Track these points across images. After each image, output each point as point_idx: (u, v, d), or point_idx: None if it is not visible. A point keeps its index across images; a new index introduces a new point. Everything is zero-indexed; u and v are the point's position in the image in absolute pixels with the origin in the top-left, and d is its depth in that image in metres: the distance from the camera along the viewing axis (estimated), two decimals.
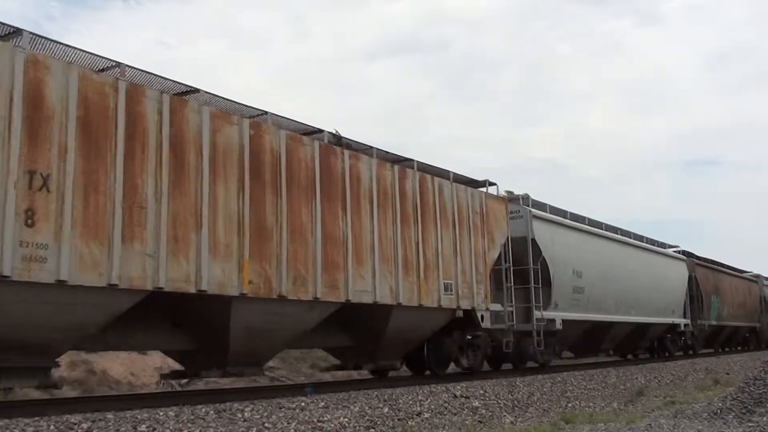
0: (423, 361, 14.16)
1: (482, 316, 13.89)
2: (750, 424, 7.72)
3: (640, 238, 22.84)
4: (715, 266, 29.43)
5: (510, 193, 19.30)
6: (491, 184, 15.12)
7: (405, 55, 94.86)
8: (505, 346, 14.72)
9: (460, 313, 13.34)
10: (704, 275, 27.31)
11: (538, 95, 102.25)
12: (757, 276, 35.83)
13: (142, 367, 20.91)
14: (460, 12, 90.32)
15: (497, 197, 15.08)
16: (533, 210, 16.34)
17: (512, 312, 14.88)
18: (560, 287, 16.78)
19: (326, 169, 10.98)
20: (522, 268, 15.83)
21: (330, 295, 10.70)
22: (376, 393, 10.11)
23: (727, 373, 19.28)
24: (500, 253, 14.77)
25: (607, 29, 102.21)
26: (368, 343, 12.40)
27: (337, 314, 11.43)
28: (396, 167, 12.36)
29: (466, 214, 13.85)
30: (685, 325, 25.13)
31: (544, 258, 16.23)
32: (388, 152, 12.86)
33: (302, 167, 10.59)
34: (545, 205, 17.44)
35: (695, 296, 26.28)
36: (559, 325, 16.54)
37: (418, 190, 12.70)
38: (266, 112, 10.77)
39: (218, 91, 10.39)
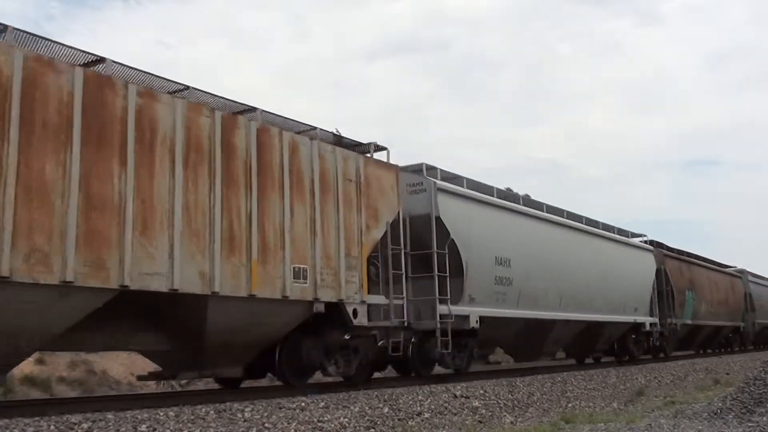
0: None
1: (355, 311, 10.95)
2: (750, 424, 7.70)
3: (596, 223, 19.82)
4: (690, 258, 26.35)
5: (509, 190, 17.09)
6: (379, 148, 12.19)
7: (405, 55, 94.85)
8: (391, 349, 11.75)
9: (320, 308, 10.39)
10: (676, 268, 24.27)
11: (538, 95, 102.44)
12: (742, 271, 32.64)
13: (143, 367, 21.06)
14: (460, 12, 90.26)
15: (384, 164, 12.10)
16: (439, 182, 13.36)
17: (403, 306, 11.95)
18: (476, 277, 13.82)
19: (96, 109, 8.03)
20: (421, 252, 12.91)
21: (92, 279, 7.77)
22: (376, 393, 9.96)
23: (727, 373, 18.91)
24: (386, 233, 11.82)
25: (607, 29, 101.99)
26: (187, 345, 9.49)
27: (132, 306, 8.62)
28: (219, 113, 9.41)
29: (334, 182, 10.90)
30: (651, 324, 22.11)
31: (453, 241, 13.27)
32: (223, 97, 9.97)
33: (51, 103, 7.65)
34: (461, 178, 14.45)
35: (665, 292, 23.25)
36: (474, 323, 13.59)
37: (255, 145, 9.76)
38: (5, 27, 7.85)
39: (218, 92, 9.63)
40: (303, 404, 8.54)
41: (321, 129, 11.19)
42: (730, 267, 32.40)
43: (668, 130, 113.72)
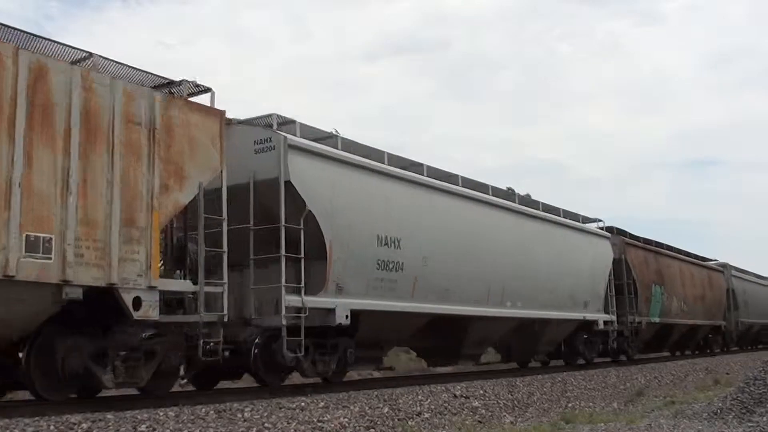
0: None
1: (137, 300, 8.17)
2: (750, 424, 7.77)
3: (534, 203, 16.98)
4: (659, 249, 23.44)
5: (510, 189, 16.03)
6: (199, 89, 9.38)
7: (405, 55, 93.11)
8: (202, 352, 8.95)
9: (74, 294, 7.59)
10: (640, 259, 21.40)
11: (538, 95, 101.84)
12: (724, 265, 29.66)
13: None
14: (460, 12, 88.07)
15: (200, 107, 9.22)
16: (292, 138, 10.54)
17: (222, 295, 9.19)
18: (347, 260, 10.99)
19: None
20: (271, 227, 10.17)
21: None
22: (376, 393, 9.98)
23: (727, 373, 18.96)
24: (197, 198, 9.04)
25: (607, 29, 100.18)
26: None
27: None
28: None
29: (109, 124, 8.09)
30: (606, 322, 19.26)
31: (311, 213, 10.50)
32: None
33: None
34: (336, 137, 11.62)
35: (626, 285, 20.42)
36: (343, 319, 10.81)
37: None
38: None
39: (218, 91, 8.96)
40: (303, 404, 8.49)
41: (103, 57, 8.44)
42: (712, 260, 29.49)
43: (668, 130, 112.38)
